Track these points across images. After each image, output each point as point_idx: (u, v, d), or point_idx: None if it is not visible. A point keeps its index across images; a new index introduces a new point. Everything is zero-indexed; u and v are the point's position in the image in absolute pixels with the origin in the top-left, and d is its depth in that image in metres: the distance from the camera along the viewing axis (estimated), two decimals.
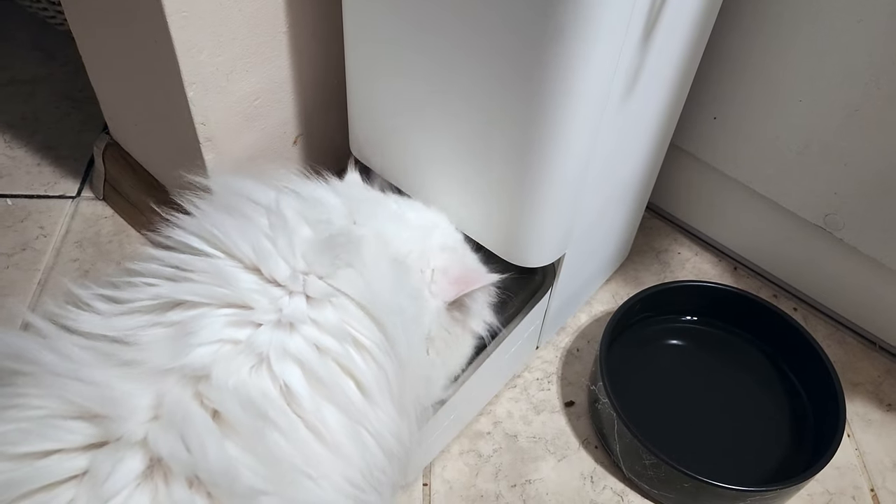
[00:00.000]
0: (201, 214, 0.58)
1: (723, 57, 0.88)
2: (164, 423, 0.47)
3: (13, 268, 0.98)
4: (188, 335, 0.50)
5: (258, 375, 0.51)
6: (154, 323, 0.52)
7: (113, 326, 0.51)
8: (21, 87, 1.21)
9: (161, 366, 0.49)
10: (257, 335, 0.52)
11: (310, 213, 0.60)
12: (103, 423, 0.46)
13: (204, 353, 0.50)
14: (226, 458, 0.47)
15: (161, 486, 0.46)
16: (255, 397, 0.49)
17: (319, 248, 0.57)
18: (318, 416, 0.51)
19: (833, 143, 0.85)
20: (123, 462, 0.45)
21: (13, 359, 0.49)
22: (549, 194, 0.68)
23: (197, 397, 0.49)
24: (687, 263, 1.06)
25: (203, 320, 0.52)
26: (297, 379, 0.51)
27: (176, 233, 0.57)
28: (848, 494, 0.84)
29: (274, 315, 0.53)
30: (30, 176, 1.09)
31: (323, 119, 0.93)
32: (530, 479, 0.83)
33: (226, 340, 0.51)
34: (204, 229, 0.57)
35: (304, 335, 0.53)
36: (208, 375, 0.49)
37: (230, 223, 0.57)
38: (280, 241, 0.56)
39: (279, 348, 0.52)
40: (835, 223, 0.90)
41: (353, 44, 0.73)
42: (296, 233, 0.57)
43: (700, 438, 0.85)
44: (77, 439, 0.46)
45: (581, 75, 0.59)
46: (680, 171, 1.03)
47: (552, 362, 0.94)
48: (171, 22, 0.70)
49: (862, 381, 0.94)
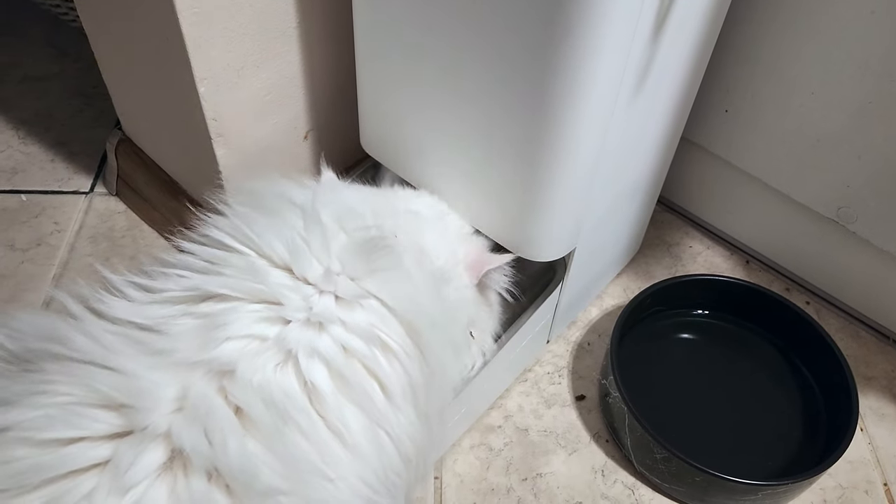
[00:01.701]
0: (234, 214, 0.59)
1: (734, 50, 0.87)
2: (187, 416, 0.47)
3: (28, 263, 0.99)
4: (218, 328, 0.51)
5: (283, 373, 0.51)
6: (185, 313, 0.53)
7: (144, 314, 0.52)
8: (34, 84, 1.22)
9: (189, 358, 0.50)
10: (287, 332, 0.52)
11: (346, 218, 0.61)
12: (129, 414, 0.47)
13: (231, 348, 0.51)
14: (246, 455, 0.47)
15: (180, 478, 0.46)
16: (278, 395, 0.50)
17: (356, 251, 0.57)
18: (339, 416, 0.51)
19: (846, 136, 0.84)
20: (146, 453, 0.46)
21: (44, 339, 0.50)
22: (560, 189, 0.68)
23: (221, 392, 0.49)
24: (699, 257, 1.06)
25: (234, 314, 0.52)
26: (323, 377, 0.52)
27: (210, 230, 0.58)
28: (861, 489, 0.84)
29: (304, 313, 0.53)
30: (44, 172, 1.10)
31: (333, 114, 0.94)
32: (541, 473, 0.83)
33: (254, 336, 0.52)
34: (236, 228, 0.58)
35: (333, 335, 0.53)
36: (233, 371, 0.50)
37: (263, 222, 0.58)
38: (314, 242, 0.57)
39: (307, 346, 0.52)
40: (848, 216, 0.90)
41: (363, 39, 0.74)
42: (332, 234, 0.58)
43: (711, 432, 0.85)
44: (102, 428, 0.46)
45: (591, 71, 0.59)
46: (691, 164, 1.02)
47: (563, 356, 0.94)
48: (183, 18, 0.70)
49: (875, 375, 0.94)
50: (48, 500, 0.44)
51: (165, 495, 0.45)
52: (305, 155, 0.94)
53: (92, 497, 0.44)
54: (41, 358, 0.49)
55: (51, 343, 0.49)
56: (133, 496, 0.45)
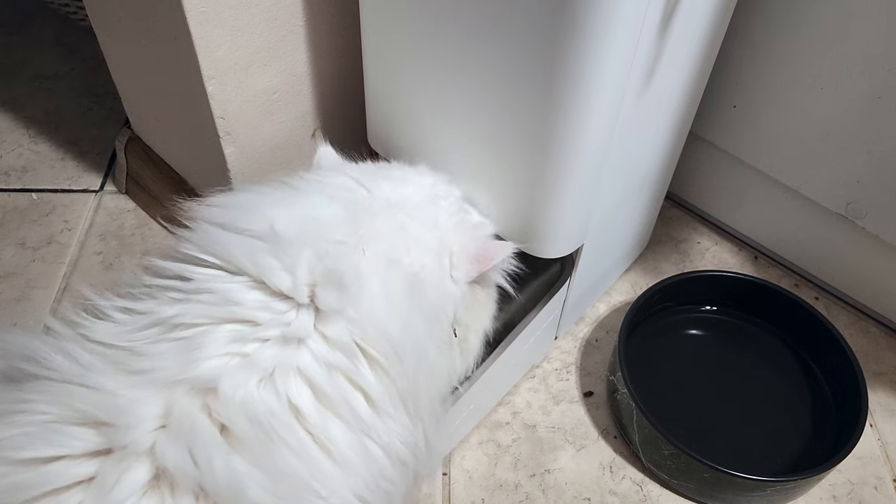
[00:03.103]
0: (202, 229, 0.58)
1: (743, 44, 0.87)
2: (171, 434, 0.47)
3: (39, 261, 1.00)
4: (194, 349, 0.50)
5: (266, 389, 0.50)
6: (160, 339, 0.52)
7: (126, 337, 0.51)
8: (44, 83, 1.23)
9: (170, 376, 0.49)
10: (262, 351, 0.51)
11: (314, 232, 0.58)
12: (108, 432, 0.46)
13: (212, 365, 0.50)
14: (232, 473, 0.47)
15: (167, 497, 0.46)
16: (262, 412, 0.49)
17: (324, 270, 0.55)
18: (324, 432, 0.51)
19: (856, 131, 0.84)
20: (130, 471, 0.45)
21: (24, 360, 0.49)
22: (567, 185, 0.68)
23: (205, 409, 0.48)
24: (707, 253, 1.05)
25: (208, 336, 0.51)
26: (305, 395, 0.51)
27: (182, 245, 0.57)
28: (870, 485, 0.83)
29: (279, 330, 0.52)
30: (54, 171, 1.11)
31: (341, 111, 0.94)
32: (549, 469, 0.83)
33: (233, 353, 0.51)
34: (206, 243, 0.56)
35: (312, 350, 0.52)
36: (216, 388, 0.49)
37: (233, 238, 0.56)
38: (283, 256, 0.55)
39: (285, 364, 0.51)
40: (857, 212, 0.89)
41: (371, 36, 0.74)
42: (301, 249, 0.56)
43: (720, 428, 0.85)
44: (82, 446, 0.46)
45: (598, 65, 0.58)
46: (700, 160, 1.02)
47: (571, 353, 0.94)
48: (190, 17, 0.70)
49: (885, 371, 0.93)
50: None
51: None
52: (313, 152, 0.94)
53: None
54: (25, 377, 0.49)
55: (30, 364, 0.49)
56: None
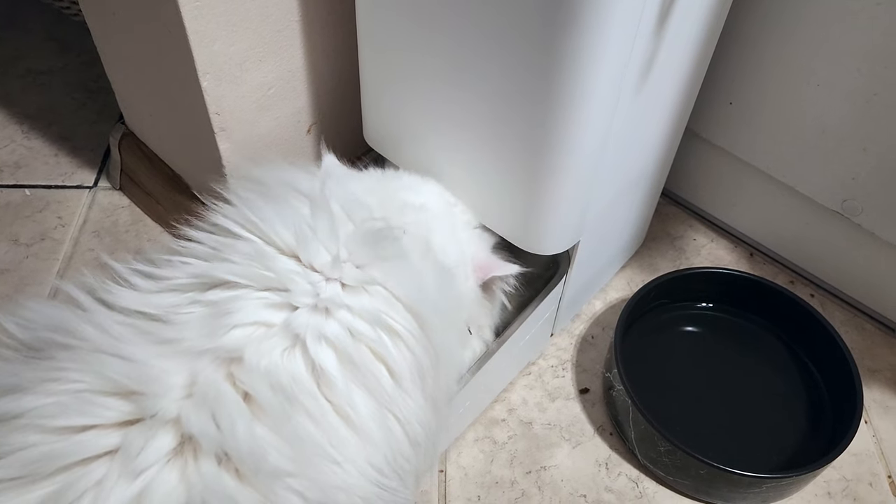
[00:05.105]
0: (240, 201, 0.59)
1: (739, 41, 0.87)
2: (196, 402, 0.48)
3: (32, 258, 0.99)
4: (225, 315, 0.52)
5: (290, 358, 0.52)
6: (192, 301, 0.53)
7: (151, 303, 0.52)
8: (37, 78, 1.22)
9: (197, 346, 0.50)
10: (294, 317, 0.53)
11: (353, 207, 0.61)
12: (139, 400, 0.47)
13: (239, 335, 0.51)
14: (254, 438, 0.48)
15: (190, 462, 0.47)
16: (285, 380, 0.50)
17: (363, 240, 0.58)
18: (348, 400, 0.52)
19: (851, 128, 0.84)
20: (156, 438, 0.46)
21: (53, 330, 0.50)
22: (564, 182, 0.68)
23: (229, 378, 0.50)
24: (703, 250, 1.05)
25: (240, 301, 0.53)
26: (331, 362, 0.52)
27: (216, 218, 0.58)
28: (865, 481, 0.84)
29: (311, 299, 0.54)
30: (47, 166, 1.10)
31: (337, 108, 0.93)
32: (545, 466, 0.83)
33: (261, 323, 0.52)
34: (243, 215, 0.58)
35: (340, 320, 0.54)
36: (241, 357, 0.50)
37: (270, 210, 0.58)
38: (321, 230, 0.57)
39: (315, 331, 0.53)
40: (853, 209, 0.90)
41: (366, 32, 0.73)
42: (339, 223, 0.59)
43: (715, 425, 0.85)
44: (112, 415, 0.47)
45: (594, 62, 0.58)
46: (696, 156, 1.02)
47: (567, 349, 0.94)
48: (185, 12, 0.70)
49: (880, 368, 0.94)
50: (60, 487, 0.44)
51: (176, 479, 0.46)
52: (308, 149, 0.94)
53: (102, 483, 0.45)
54: (51, 347, 0.50)
55: (60, 334, 0.50)
56: (143, 480, 0.45)
